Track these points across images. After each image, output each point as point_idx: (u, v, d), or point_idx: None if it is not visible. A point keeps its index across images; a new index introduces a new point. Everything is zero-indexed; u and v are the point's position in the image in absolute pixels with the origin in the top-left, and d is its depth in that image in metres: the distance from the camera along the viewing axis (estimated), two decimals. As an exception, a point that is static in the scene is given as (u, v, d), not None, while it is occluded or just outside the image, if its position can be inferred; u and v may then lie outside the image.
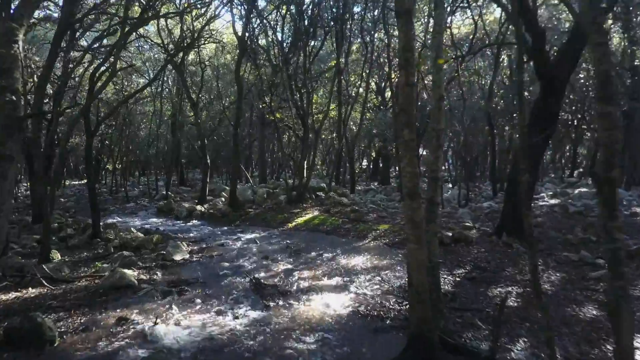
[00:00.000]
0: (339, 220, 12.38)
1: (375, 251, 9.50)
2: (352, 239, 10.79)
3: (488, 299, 6.49)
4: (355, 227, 11.67)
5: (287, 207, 14.57)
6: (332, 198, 15.05)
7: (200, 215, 15.30)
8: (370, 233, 11.12)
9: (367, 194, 20.62)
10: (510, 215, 10.02)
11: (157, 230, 12.91)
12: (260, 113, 24.16)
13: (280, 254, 9.15)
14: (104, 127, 27.89)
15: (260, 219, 13.88)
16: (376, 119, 24.09)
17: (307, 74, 15.09)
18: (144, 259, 8.56)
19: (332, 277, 7.43)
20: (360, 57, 23.87)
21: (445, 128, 23.24)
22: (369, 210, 13.73)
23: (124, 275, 6.21)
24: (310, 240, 10.61)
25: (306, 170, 15.21)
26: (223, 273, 7.48)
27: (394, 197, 18.62)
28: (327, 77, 21.65)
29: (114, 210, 18.49)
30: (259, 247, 9.93)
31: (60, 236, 11.02)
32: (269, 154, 33.65)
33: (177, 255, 8.52)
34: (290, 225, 12.66)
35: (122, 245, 10.14)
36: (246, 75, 22.83)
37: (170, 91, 28.45)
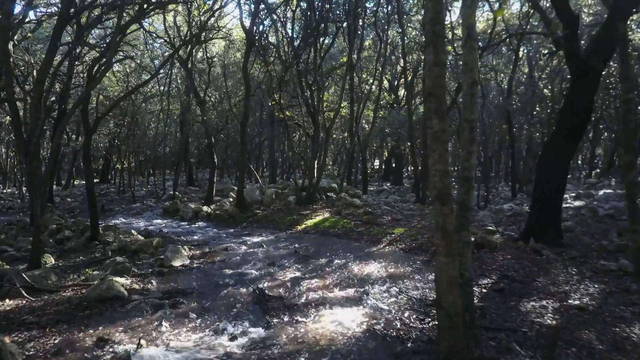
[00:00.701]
0: (351, 223, 11.65)
1: (390, 257, 8.74)
2: (366, 243, 10.05)
3: (522, 316, 5.70)
4: (368, 231, 10.92)
5: (296, 209, 13.88)
6: (344, 199, 14.32)
7: (206, 217, 14.68)
8: (385, 237, 10.37)
9: (379, 194, 19.86)
10: (538, 219, 9.22)
11: (159, 232, 12.35)
12: (269, 111, 23.51)
13: (287, 260, 8.45)
14: (112, 125, 27.62)
15: (268, 220, 13.21)
16: (389, 118, 23.32)
17: (317, 70, 14.37)
18: (140, 265, 7.93)
19: (344, 288, 6.70)
20: (372, 54, 23.13)
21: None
22: (382, 213, 12.97)
23: (112, 286, 5.55)
24: (320, 245, 9.89)
25: (316, 170, 14.50)
26: (224, 282, 6.80)
27: (408, 199, 17.84)
28: (339, 74, 20.94)
29: (119, 210, 17.99)
30: (265, 251, 9.24)
31: (57, 238, 10.48)
32: (279, 153, 33.06)
33: (176, 261, 7.87)
34: (299, 228, 11.96)
35: (120, 248, 9.56)
36: (255, 73, 22.24)
37: (179, 89, 27.99)
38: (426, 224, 11.52)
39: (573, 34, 8.85)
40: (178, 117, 26.89)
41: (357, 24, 17.20)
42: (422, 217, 12.67)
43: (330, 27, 17.86)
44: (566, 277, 7.43)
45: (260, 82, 20.45)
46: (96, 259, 8.86)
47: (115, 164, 27.72)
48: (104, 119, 29.14)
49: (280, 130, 29.11)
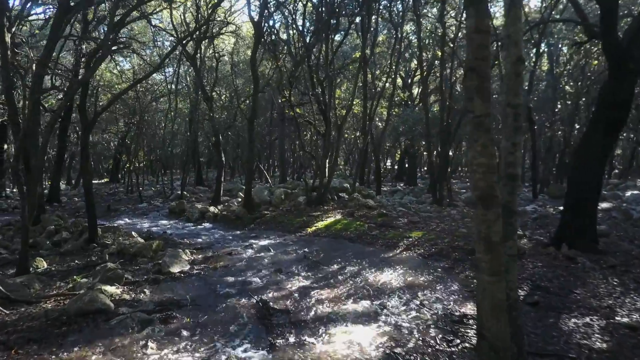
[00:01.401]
0: (364, 226, 10.90)
1: (408, 264, 7.99)
2: (381, 248, 9.30)
3: (565, 336, 4.92)
4: (383, 234, 10.17)
5: (306, 210, 13.17)
6: (357, 200, 13.57)
7: (212, 218, 14.06)
8: (402, 241, 9.61)
9: (393, 195, 19.07)
10: (572, 222, 8.38)
11: (163, 234, 11.75)
12: (280, 109, 22.86)
13: (296, 266, 7.75)
14: (122, 125, 27.25)
15: (276, 222, 12.53)
16: (403, 115, 22.48)
17: (329, 65, 13.64)
18: (136, 271, 7.30)
19: (358, 300, 5.98)
20: (385, 50, 22.35)
21: None
22: (398, 214, 12.20)
23: (95, 298, 4.90)
24: (331, 249, 9.17)
25: (328, 169, 13.78)
26: (224, 292, 6.12)
27: (424, 200, 17.03)
28: (351, 69, 20.19)
29: (125, 210, 17.48)
30: (272, 256, 8.55)
31: (54, 240, 9.93)
32: (289, 153, 32.39)
33: (175, 267, 7.22)
34: (309, 230, 11.25)
35: (119, 252, 8.97)
36: (266, 71, 21.60)
37: (189, 87, 27.52)
38: (446, 227, 10.74)
39: (612, 22, 8.03)
40: (187, 116, 26.39)
41: (371, 18, 16.48)
42: (440, 219, 11.88)
43: (342, 22, 17.16)
44: (607, 288, 6.61)
45: (269, 78, 19.77)
46: (92, 263, 8.26)
47: (125, 163, 27.33)
48: (114, 118, 28.97)
49: (291, 129, 28.48)
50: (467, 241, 9.32)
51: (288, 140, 28.07)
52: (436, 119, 20.34)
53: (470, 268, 7.80)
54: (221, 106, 27.08)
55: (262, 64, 24.72)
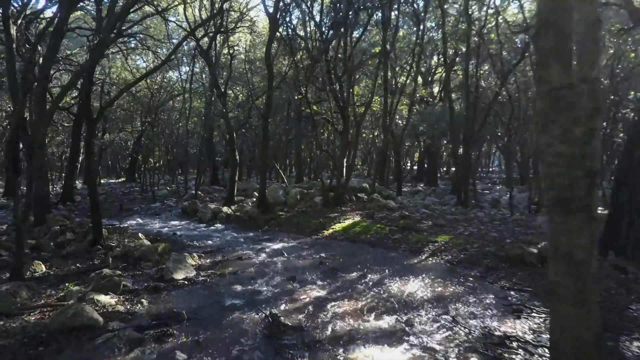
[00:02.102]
0: (385, 229, 10.14)
1: (436, 272, 7.22)
2: (404, 253, 8.54)
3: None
4: (406, 238, 9.40)
5: (323, 211, 12.46)
6: (376, 201, 12.80)
7: (225, 219, 13.47)
8: (427, 246, 8.83)
9: (414, 196, 18.22)
10: (620, 229, 7.49)
11: (172, 235, 11.20)
12: (296, 107, 22.20)
13: (311, 273, 7.04)
14: (139, 124, 26.98)
15: (291, 224, 11.85)
16: (424, 113, 21.57)
17: (348, 59, 12.91)
18: (138, 276, 6.71)
19: (381, 314, 5.25)
20: (406, 47, 21.47)
21: (493, 125, 20.36)
22: (421, 217, 11.40)
23: (80, 312, 4.29)
24: (350, 254, 8.45)
25: (346, 168, 13.04)
26: (230, 303, 5.45)
27: (447, 201, 16.14)
28: (370, 65, 19.41)
29: (137, 210, 17.05)
30: (285, 262, 7.87)
31: (58, 241, 9.43)
32: (306, 152, 31.69)
33: (179, 273, 6.59)
34: (326, 233, 10.54)
35: (123, 255, 8.43)
36: (283, 69, 20.98)
37: (205, 85, 27.13)
38: (474, 231, 9.90)
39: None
40: (203, 114, 25.97)
41: (392, 12, 15.67)
42: (467, 222, 11.03)
43: (361, 18, 16.42)
44: (669, 304, 5.75)
45: (285, 74, 19.13)
46: (93, 267, 7.71)
47: (142, 162, 27.05)
48: (129, 117, 28.78)
49: (308, 128, 27.78)
50: (499, 246, 8.50)
51: (305, 140, 27.42)
52: (460, 117, 19.46)
53: (505, 277, 7.01)
54: (236, 104, 26.57)
55: (279, 61, 24.17)
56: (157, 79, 24.84)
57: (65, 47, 17.67)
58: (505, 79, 15.76)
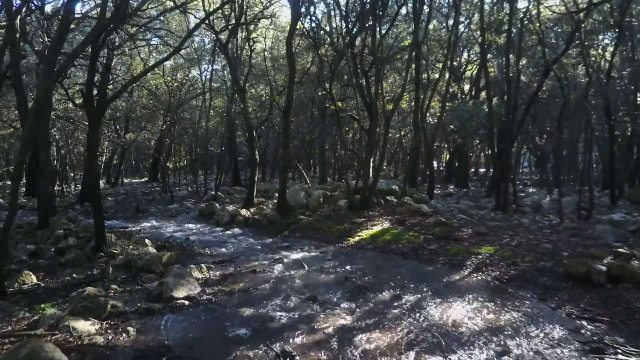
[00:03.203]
0: (419, 237, 8.96)
1: (483, 293, 6.04)
2: (443, 268, 7.36)
3: None
4: (444, 249, 8.21)
5: (348, 215, 11.36)
6: (408, 205, 11.61)
7: (243, 222, 12.55)
8: (469, 259, 7.62)
9: (447, 199, 16.89)
10: None
11: (185, 240, 10.34)
12: (320, 105, 21.17)
13: (334, 292, 5.97)
14: (161, 123, 26.46)
15: (313, 229, 10.80)
16: (457, 110, 20.18)
17: (377, 49, 11.75)
18: (132, 293, 5.78)
19: (423, 352, 4.14)
20: (437, 39, 20.16)
21: (525, 123, 18.76)
22: (459, 223, 10.15)
23: (37, 352, 3.32)
24: (380, 268, 7.33)
25: (373, 169, 11.91)
26: (235, 334, 4.43)
27: (484, 204, 14.76)
28: (399, 59, 18.22)
29: (154, 212, 16.35)
30: (305, 276, 6.81)
31: (59, 247, 8.67)
32: (331, 152, 30.58)
33: (180, 290, 5.63)
34: (351, 241, 9.43)
35: (125, 264, 7.57)
36: (306, 65, 19.98)
37: (226, 83, 26.42)
38: (522, 241, 8.62)
39: None
40: (224, 112, 25.27)
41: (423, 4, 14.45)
42: (512, 230, 9.73)
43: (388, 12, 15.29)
44: None
45: (308, 69, 18.12)
46: (90, 278, 6.88)
47: (164, 162, 26.57)
48: (151, 116, 28.32)
49: (332, 127, 26.70)
50: (557, 261, 7.24)
51: (329, 139, 26.36)
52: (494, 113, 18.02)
53: (571, 301, 5.77)
54: (258, 103, 25.75)
55: (301, 56, 23.22)
56: (178, 77, 24.26)
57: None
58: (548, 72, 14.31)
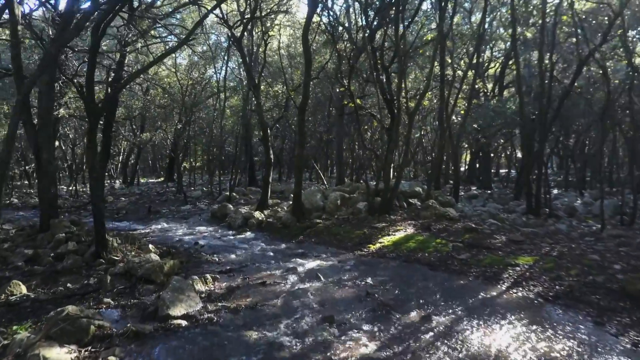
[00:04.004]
0: (447, 245, 8.11)
1: (527, 313, 5.20)
2: (477, 281, 6.51)
3: None
4: (476, 259, 7.35)
5: (367, 219, 10.56)
6: (433, 208, 10.74)
7: (256, 225, 11.87)
8: (505, 271, 6.76)
9: (472, 201, 15.90)
10: None
11: (195, 244, 9.70)
12: (338, 103, 20.39)
13: (354, 311, 5.20)
14: (177, 122, 26.08)
15: (330, 234, 10.03)
16: (483, 106, 19.14)
17: (400, 40, 10.91)
18: (127, 308, 5.12)
19: (466, 398, 3.34)
20: (462, 34, 19.19)
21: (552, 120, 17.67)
22: (491, 230, 9.25)
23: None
24: (405, 281, 6.52)
25: (394, 170, 11.08)
26: (236, 367, 3.71)
27: (512, 207, 13.76)
28: (421, 54, 17.34)
29: (165, 213, 15.82)
30: (321, 290, 6.05)
31: (58, 252, 8.10)
32: (348, 152, 29.75)
33: (178, 307, 4.94)
34: (372, 248, 8.63)
35: (125, 272, 6.96)
36: (323, 61, 19.25)
37: (242, 81, 25.85)
38: (565, 251, 7.69)
39: None
40: (240, 111, 24.70)
41: None
42: (550, 237, 8.79)
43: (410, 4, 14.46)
44: None
45: (325, 64, 17.38)
46: (85, 289, 6.26)
47: (179, 162, 26.15)
48: (165, 115, 27.96)
49: (350, 127, 25.89)
50: (608, 275, 6.33)
51: (347, 138, 25.57)
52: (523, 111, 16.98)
53: (635, 326, 4.89)
54: (275, 102, 25.10)
55: (319, 53, 22.49)
56: (193, 74, 23.79)
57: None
58: (582, 66, 13.26)
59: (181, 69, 25.52)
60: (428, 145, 31.68)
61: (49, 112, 9.35)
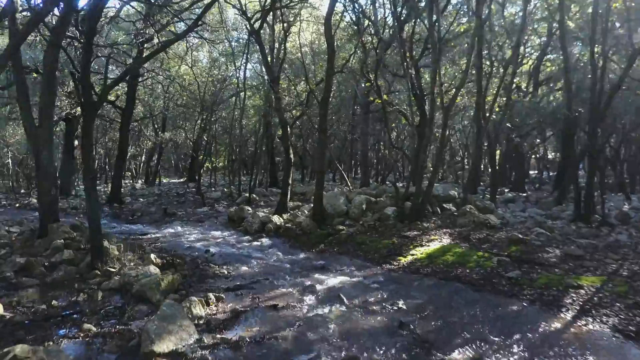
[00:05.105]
0: (492, 259, 6.94)
1: (605, 356, 4.04)
2: (533, 306, 5.34)
3: None
4: (529, 278, 6.16)
5: (397, 227, 9.44)
6: (471, 214, 9.53)
7: (273, 231, 10.92)
8: (568, 295, 5.57)
9: (508, 205, 14.50)
10: None
11: (205, 252, 8.84)
12: (363, 99, 19.30)
13: (384, 350, 4.14)
14: (199, 121, 25.50)
15: (354, 243, 8.96)
16: (517, 106, 17.71)
17: (434, 25, 9.75)
18: (105, 339, 4.21)
19: None
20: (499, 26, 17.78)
21: None
22: (540, 240, 7.99)
23: None
24: (445, 305, 5.41)
25: (431, 171, 9.92)
26: None
27: (556, 213, 12.34)
28: (453, 48, 16.12)
29: (181, 215, 15.07)
30: (343, 317, 5.00)
31: (53, 261, 7.32)
32: (373, 153, 28.58)
33: (165, 341, 3.99)
34: (402, 261, 7.53)
35: (120, 287, 6.11)
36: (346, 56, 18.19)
37: (264, 80, 25.05)
38: (637, 269, 6.42)
39: None
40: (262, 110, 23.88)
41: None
42: (614, 251, 7.47)
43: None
44: None
45: (351, 56, 16.32)
46: (71, 308, 5.41)
47: (200, 162, 25.53)
48: (192, 115, 27.42)
49: (376, 125, 24.75)
50: None
51: (372, 138, 24.45)
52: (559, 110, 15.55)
53: None
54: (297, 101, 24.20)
55: (343, 48, 21.43)
56: (214, 72, 23.12)
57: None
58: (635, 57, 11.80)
59: (201, 67, 24.93)
60: (456, 145, 30.19)
61: (49, 106, 8.62)
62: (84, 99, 6.75)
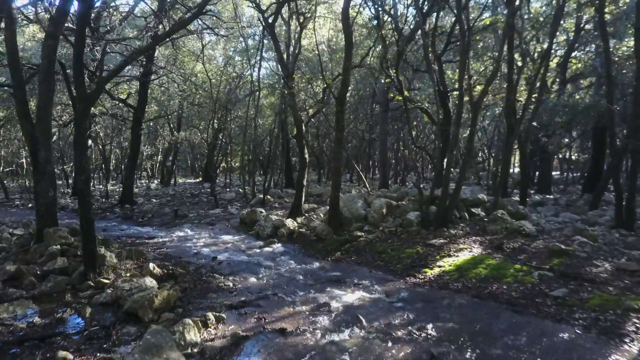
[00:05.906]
0: (532, 274, 6.06)
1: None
2: (588, 334, 4.47)
3: None
4: (578, 297, 5.28)
5: (421, 234, 8.61)
6: (502, 220, 8.63)
7: (286, 236, 10.22)
8: (629, 320, 4.70)
9: (539, 209, 13.49)
10: None
11: (212, 259, 8.20)
12: (382, 97, 18.47)
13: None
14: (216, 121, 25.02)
15: (374, 252, 8.17)
16: (545, 104, 16.62)
17: (463, 10, 8.87)
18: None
19: None
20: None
21: None
22: (585, 252, 7.06)
23: None
24: (481, 331, 4.59)
25: (455, 173, 9.06)
26: None
27: (593, 218, 11.31)
28: (478, 40, 15.16)
29: (192, 218, 14.49)
30: (362, 345, 4.23)
31: (44, 270, 6.74)
32: (392, 153, 27.62)
33: (147, 380, 3.29)
34: (429, 274, 6.72)
35: (113, 301, 5.49)
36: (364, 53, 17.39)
37: (279, 79, 24.42)
38: None
39: None
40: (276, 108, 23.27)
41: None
42: (673, 266, 6.53)
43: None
44: None
45: (369, 50, 15.54)
46: (53, 329, 4.79)
47: (220, 162, 25.01)
48: (208, 114, 26.99)
49: (395, 124, 23.86)
50: None
51: (392, 137, 23.54)
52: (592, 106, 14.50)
53: None
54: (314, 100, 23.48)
55: (361, 45, 20.65)
56: (229, 70, 22.58)
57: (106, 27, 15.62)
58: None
59: (216, 65, 24.45)
60: (478, 145, 29.03)
61: (47, 102, 8.07)
62: (77, 92, 6.13)
